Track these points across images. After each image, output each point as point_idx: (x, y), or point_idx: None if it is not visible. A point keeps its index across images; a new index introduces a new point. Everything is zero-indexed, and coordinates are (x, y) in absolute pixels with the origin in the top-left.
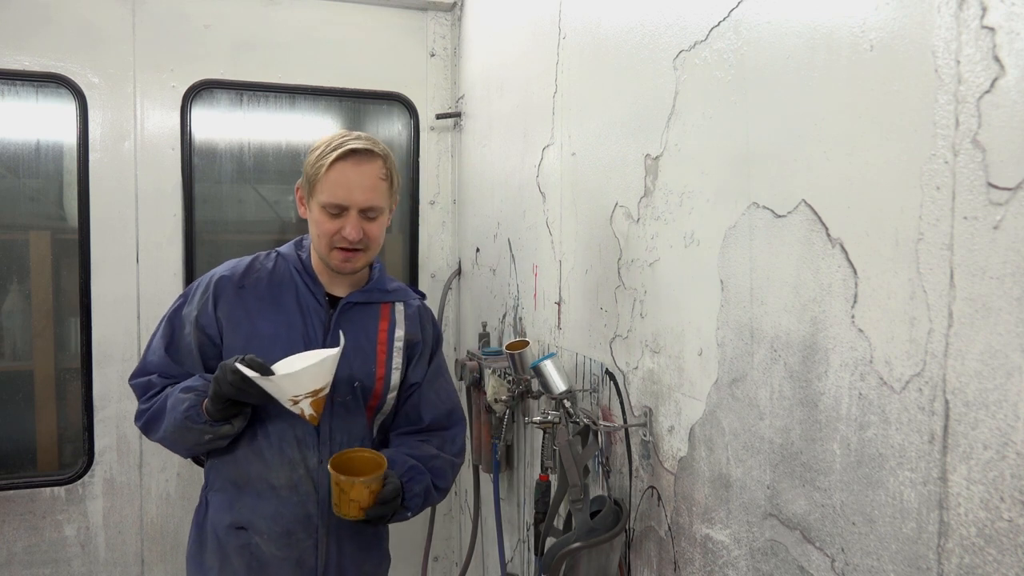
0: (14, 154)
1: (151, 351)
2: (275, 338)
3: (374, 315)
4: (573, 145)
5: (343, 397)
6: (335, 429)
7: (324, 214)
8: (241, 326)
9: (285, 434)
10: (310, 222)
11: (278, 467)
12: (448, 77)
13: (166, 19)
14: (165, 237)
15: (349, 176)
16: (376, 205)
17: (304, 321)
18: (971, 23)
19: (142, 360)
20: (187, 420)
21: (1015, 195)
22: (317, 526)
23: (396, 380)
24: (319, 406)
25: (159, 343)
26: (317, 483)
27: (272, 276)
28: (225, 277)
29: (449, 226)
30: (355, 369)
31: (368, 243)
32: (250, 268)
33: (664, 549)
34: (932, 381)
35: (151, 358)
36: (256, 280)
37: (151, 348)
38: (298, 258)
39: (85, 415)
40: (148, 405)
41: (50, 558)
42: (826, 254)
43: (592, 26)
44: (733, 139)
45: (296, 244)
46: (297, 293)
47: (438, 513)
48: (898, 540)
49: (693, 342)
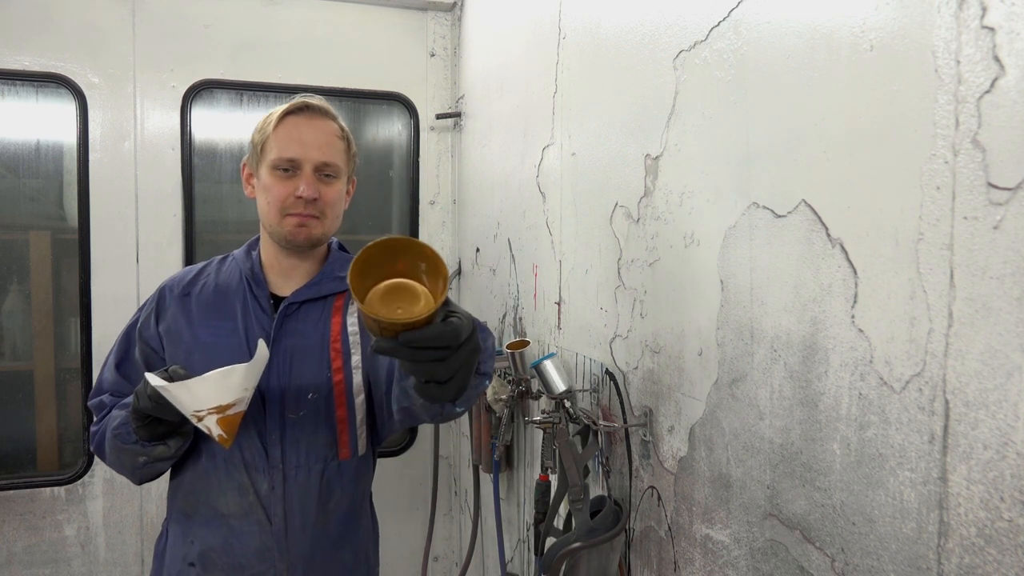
0: (14, 154)
1: (105, 368)
2: (215, 347)
3: (327, 311)
4: (573, 145)
5: (295, 413)
6: (288, 451)
7: (274, 176)
8: (182, 336)
9: (232, 456)
10: (259, 194)
11: (226, 492)
12: (448, 77)
13: (166, 19)
14: (165, 237)
15: (302, 129)
16: (332, 162)
17: (246, 328)
18: (971, 23)
19: (97, 379)
20: (117, 439)
21: (1015, 195)
22: (275, 559)
23: (359, 380)
24: (230, 425)
25: (112, 360)
26: (270, 512)
27: (219, 281)
28: (169, 286)
29: (449, 226)
30: (305, 379)
31: (324, 208)
32: (199, 274)
33: (664, 549)
34: (932, 381)
35: (105, 375)
36: (202, 287)
37: (105, 365)
38: (247, 258)
39: (85, 415)
40: (97, 428)
41: (50, 558)
42: (826, 254)
43: (592, 26)
44: (733, 139)
45: (250, 245)
46: (241, 299)
47: (438, 513)
48: (898, 540)
49: (693, 342)
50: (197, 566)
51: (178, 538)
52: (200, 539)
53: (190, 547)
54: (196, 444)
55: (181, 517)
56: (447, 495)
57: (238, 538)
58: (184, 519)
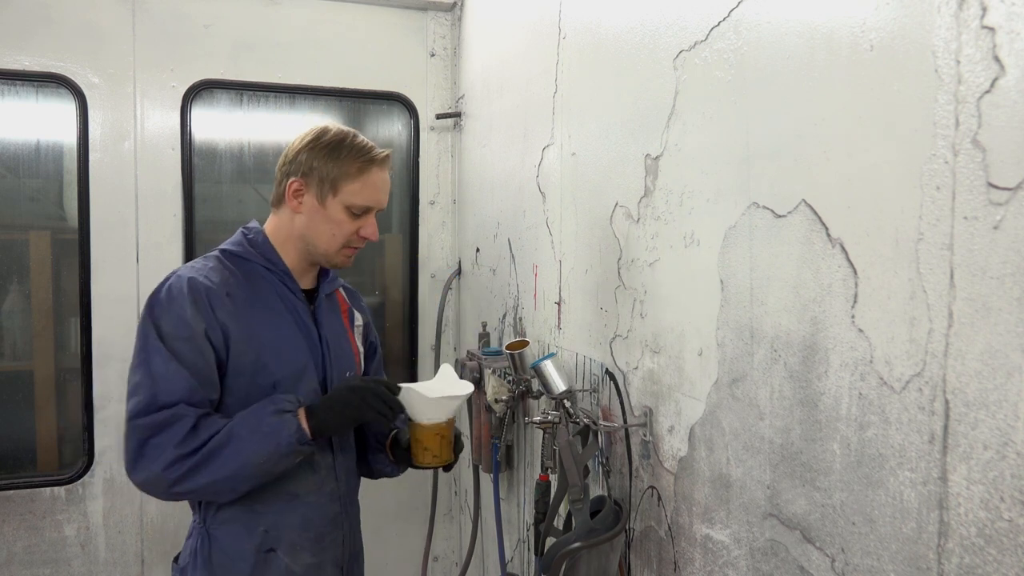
0: (14, 154)
1: (161, 379)
2: (281, 340)
3: (336, 304)
4: (573, 145)
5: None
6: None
7: (347, 214)
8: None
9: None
10: (317, 219)
11: (297, 474)
12: (448, 77)
13: (166, 19)
14: (165, 237)
15: (383, 181)
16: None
17: (295, 320)
18: (971, 23)
19: (145, 393)
20: (293, 445)
21: (1015, 195)
22: (342, 521)
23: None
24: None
25: (168, 367)
26: (338, 479)
27: (247, 278)
28: (205, 284)
29: (449, 226)
30: (342, 360)
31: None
32: (221, 272)
33: (664, 549)
34: (932, 381)
35: (167, 386)
36: (235, 285)
37: (158, 376)
38: (260, 255)
39: (85, 415)
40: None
41: (50, 558)
42: (826, 254)
43: (592, 26)
44: (733, 139)
45: (246, 241)
46: (277, 292)
47: (438, 513)
48: (898, 540)
49: (693, 342)
50: (279, 550)
51: (240, 535)
52: (274, 525)
53: (263, 536)
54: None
55: (240, 514)
56: (447, 495)
57: (315, 511)
58: (247, 514)
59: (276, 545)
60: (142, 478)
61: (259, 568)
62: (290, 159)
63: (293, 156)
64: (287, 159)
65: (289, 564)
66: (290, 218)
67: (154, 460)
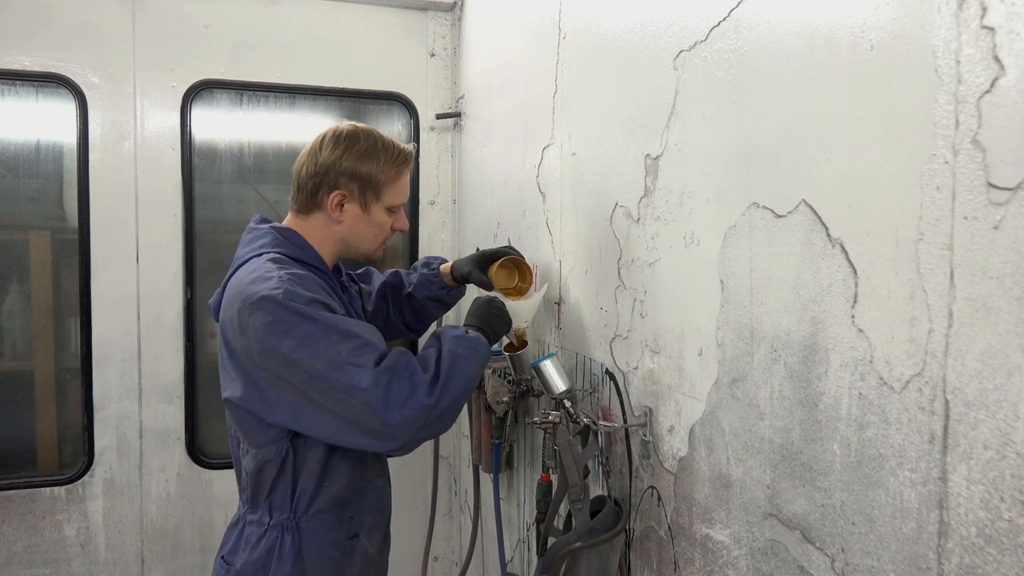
0: (14, 154)
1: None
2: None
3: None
4: (573, 145)
5: None
6: None
7: (388, 214)
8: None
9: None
10: (363, 224)
11: (367, 459)
12: (448, 77)
13: (166, 19)
14: (165, 237)
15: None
16: None
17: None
18: (971, 23)
19: (366, 344)
20: (488, 356)
21: (1015, 195)
22: (392, 499)
23: None
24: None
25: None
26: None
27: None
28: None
29: (449, 226)
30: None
31: None
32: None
33: (664, 549)
34: (932, 381)
35: (371, 337)
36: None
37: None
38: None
39: (85, 415)
40: (432, 369)
41: (50, 558)
42: (826, 254)
43: (592, 26)
44: (733, 139)
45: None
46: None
47: (438, 513)
48: (898, 540)
49: (693, 342)
50: (360, 535)
51: (332, 525)
52: (357, 512)
53: (349, 524)
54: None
55: (333, 505)
56: (447, 495)
57: (383, 493)
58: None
59: (359, 530)
60: (405, 416)
61: (347, 555)
62: (323, 170)
63: (326, 167)
64: (319, 170)
65: (367, 547)
66: (325, 224)
67: (412, 394)
